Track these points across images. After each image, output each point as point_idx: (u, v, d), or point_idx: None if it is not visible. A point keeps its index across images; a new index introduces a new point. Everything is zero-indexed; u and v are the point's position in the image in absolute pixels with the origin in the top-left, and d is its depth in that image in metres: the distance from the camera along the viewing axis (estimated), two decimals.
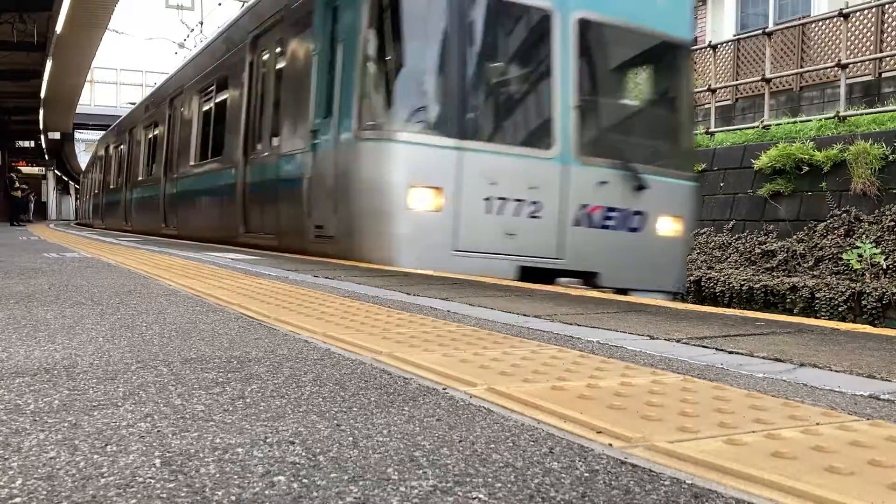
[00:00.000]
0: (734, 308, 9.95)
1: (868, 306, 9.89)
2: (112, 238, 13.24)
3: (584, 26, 7.02)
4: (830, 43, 15.10)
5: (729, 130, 15.22)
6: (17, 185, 27.65)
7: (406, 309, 3.36)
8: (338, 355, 2.24)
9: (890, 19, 14.08)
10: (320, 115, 7.52)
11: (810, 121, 13.51)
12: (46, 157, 45.71)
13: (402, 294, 4.00)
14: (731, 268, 12.39)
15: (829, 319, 9.33)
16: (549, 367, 2.06)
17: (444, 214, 6.37)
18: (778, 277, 11.30)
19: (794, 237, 11.94)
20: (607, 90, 7.86)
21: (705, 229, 13.55)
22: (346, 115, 6.98)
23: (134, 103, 27.25)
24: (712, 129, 15.56)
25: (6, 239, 12.26)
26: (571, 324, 2.97)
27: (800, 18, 16.63)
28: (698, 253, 13.20)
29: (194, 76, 13.96)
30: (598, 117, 7.46)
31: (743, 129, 14.91)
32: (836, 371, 2.10)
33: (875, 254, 10.45)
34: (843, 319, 9.71)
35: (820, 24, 15.57)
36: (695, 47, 14.46)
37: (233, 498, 1.09)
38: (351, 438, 1.40)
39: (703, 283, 12.08)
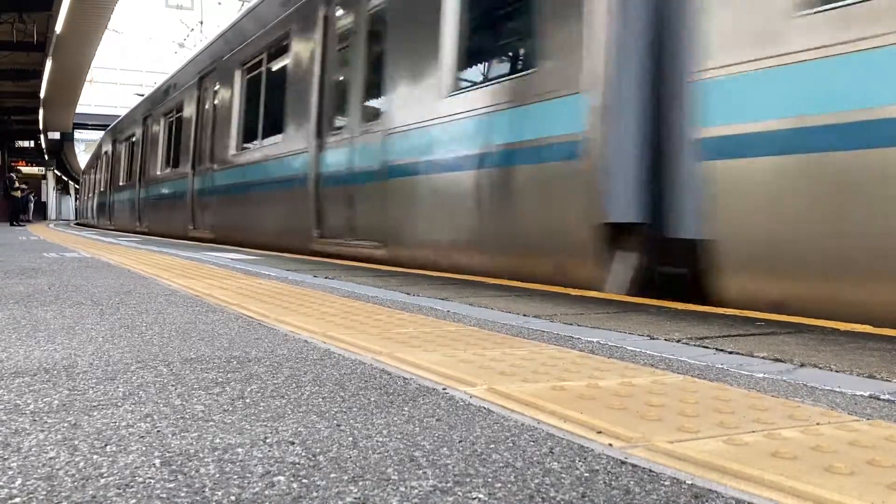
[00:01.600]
0: None
1: None
2: (112, 238, 13.24)
3: None
4: None
5: None
6: (16, 185, 27.66)
7: (406, 309, 3.36)
8: (338, 355, 2.24)
9: None
10: None
11: None
12: (46, 157, 45.76)
13: (402, 294, 4.00)
14: None
15: None
16: (549, 367, 2.06)
17: None
18: None
19: None
20: None
21: None
22: None
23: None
24: None
25: (6, 239, 12.26)
26: (571, 324, 2.97)
27: None
28: None
29: None
30: None
31: None
32: (837, 371, 2.10)
33: None
34: None
35: None
36: None
37: (233, 498, 1.09)
38: (351, 438, 1.39)
39: None
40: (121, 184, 21.81)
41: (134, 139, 20.02)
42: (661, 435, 1.41)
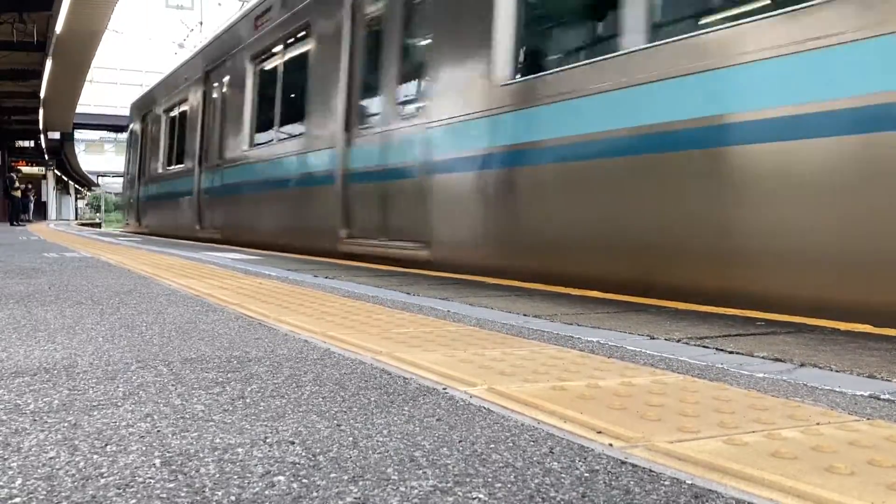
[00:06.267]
0: None
1: None
2: (112, 238, 13.23)
3: None
4: None
5: None
6: (17, 184, 27.65)
7: (406, 309, 3.36)
8: (338, 355, 2.24)
9: None
10: None
11: None
12: (46, 157, 45.74)
13: (402, 294, 4.00)
14: None
15: None
16: (549, 367, 2.06)
17: None
18: None
19: None
20: None
21: None
22: None
23: None
24: None
25: (6, 239, 12.26)
26: (571, 324, 2.97)
27: None
28: None
29: None
30: None
31: None
32: (837, 371, 2.10)
33: None
34: None
35: None
36: None
37: (233, 498, 1.09)
38: (351, 438, 1.39)
39: None
40: (160, 171, 15.66)
41: (183, 109, 14.05)
42: (661, 435, 1.41)
